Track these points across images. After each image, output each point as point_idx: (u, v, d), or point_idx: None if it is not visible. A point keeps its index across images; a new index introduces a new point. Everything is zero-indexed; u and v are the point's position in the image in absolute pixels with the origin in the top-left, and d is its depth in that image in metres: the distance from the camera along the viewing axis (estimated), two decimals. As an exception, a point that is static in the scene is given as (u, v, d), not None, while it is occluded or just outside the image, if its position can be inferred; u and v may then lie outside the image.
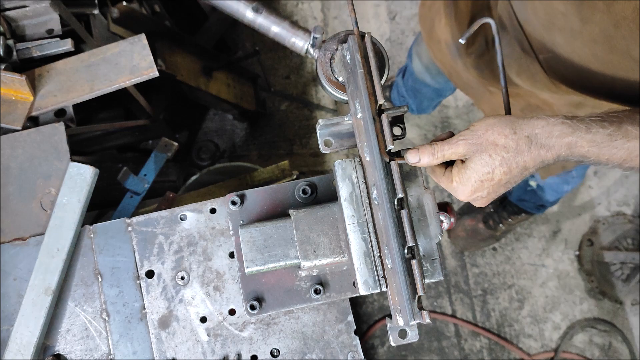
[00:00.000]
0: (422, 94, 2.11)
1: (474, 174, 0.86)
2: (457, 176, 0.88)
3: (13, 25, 1.26)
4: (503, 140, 0.83)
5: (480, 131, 0.85)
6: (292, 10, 2.68)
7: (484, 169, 0.85)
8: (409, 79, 2.11)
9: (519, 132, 0.83)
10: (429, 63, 1.82)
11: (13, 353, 1.03)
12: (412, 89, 2.13)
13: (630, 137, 0.82)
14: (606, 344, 2.41)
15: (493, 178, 0.85)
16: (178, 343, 1.07)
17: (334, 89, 1.02)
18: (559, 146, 0.82)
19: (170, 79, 1.89)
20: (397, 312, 0.85)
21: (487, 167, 0.84)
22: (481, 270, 2.47)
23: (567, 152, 0.83)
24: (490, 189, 0.88)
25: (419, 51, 1.88)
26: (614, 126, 0.82)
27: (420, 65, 1.90)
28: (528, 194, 2.12)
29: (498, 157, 0.83)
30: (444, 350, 2.40)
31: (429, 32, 1.57)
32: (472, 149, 0.85)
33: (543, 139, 0.82)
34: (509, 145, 0.83)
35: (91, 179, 1.11)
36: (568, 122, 0.82)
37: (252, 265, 0.97)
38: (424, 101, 2.21)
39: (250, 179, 1.53)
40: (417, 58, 1.91)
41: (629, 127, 0.82)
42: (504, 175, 0.85)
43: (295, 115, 2.59)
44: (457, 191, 0.90)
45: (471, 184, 0.87)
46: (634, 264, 2.42)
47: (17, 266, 1.09)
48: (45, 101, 1.21)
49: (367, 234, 0.92)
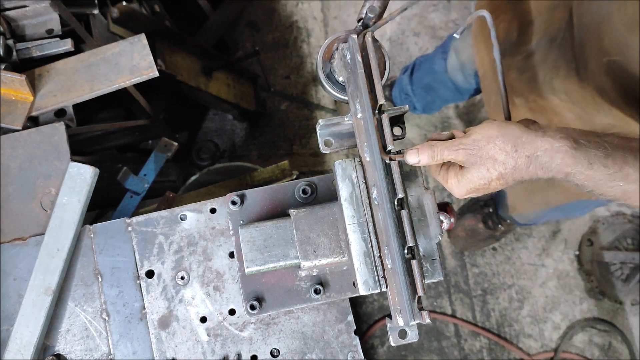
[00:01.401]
0: (437, 94, 2.08)
1: (470, 183, 0.87)
2: (454, 179, 0.90)
3: (13, 25, 1.26)
4: (503, 157, 0.84)
5: (481, 142, 0.85)
6: (292, 10, 2.68)
7: (480, 181, 0.86)
8: (426, 77, 2.08)
9: (520, 151, 0.83)
10: (466, 60, 1.80)
11: (13, 353, 1.03)
12: (427, 87, 2.10)
13: (629, 181, 0.82)
14: (606, 344, 2.41)
15: (489, 187, 0.87)
16: (178, 343, 1.07)
17: (334, 88, 1.02)
18: (557, 172, 0.83)
19: (170, 79, 1.89)
20: (397, 312, 0.85)
21: (483, 180, 0.86)
22: (481, 270, 2.47)
23: (563, 178, 0.84)
24: (485, 192, 0.90)
25: (458, 47, 1.85)
26: (616, 167, 0.82)
27: (456, 62, 1.87)
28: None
29: (495, 172, 0.84)
30: (444, 350, 2.40)
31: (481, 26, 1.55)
32: (471, 160, 0.85)
33: (543, 162, 0.83)
34: (507, 163, 0.84)
35: (91, 179, 1.11)
36: (571, 153, 0.82)
37: (252, 265, 0.97)
38: (436, 101, 2.18)
39: (250, 179, 1.53)
40: (455, 54, 1.88)
41: (631, 170, 0.82)
42: (499, 185, 0.87)
43: (295, 115, 2.59)
44: (452, 190, 0.91)
45: (466, 189, 0.89)
46: (634, 264, 2.42)
47: (17, 266, 1.09)
48: (45, 101, 1.21)
49: (367, 234, 0.92)
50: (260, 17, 2.66)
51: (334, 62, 1.02)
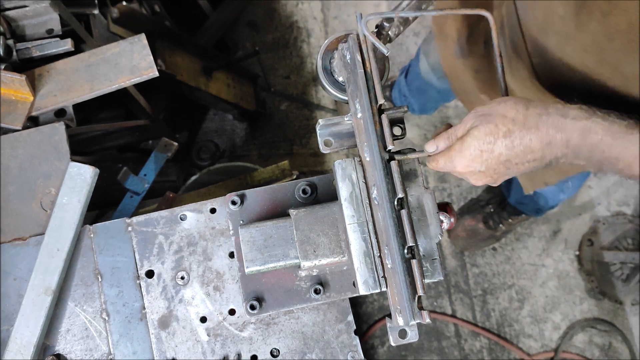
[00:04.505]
0: (427, 95, 2.10)
1: (475, 142, 0.83)
2: (458, 144, 0.85)
3: (13, 25, 1.26)
4: (513, 114, 0.80)
5: (492, 104, 0.83)
6: (292, 10, 2.68)
7: (486, 137, 0.81)
8: (415, 80, 2.10)
9: (532, 109, 0.80)
10: (435, 63, 1.80)
11: (13, 353, 1.03)
12: (417, 89, 2.12)
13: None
14: (606, 344, 2.41)
15: (493, 150, 0.82)
16: (178, 343, 1.07)
17: (334, 88, 1.02)
18: (572, 129, 0.78)
19: (170, 79, 1.89)
20: (397, 312, 0.85)
21: (490, 137, 0.81)
22: (481, 270, 2.47)
23: (579, 139, 0.78)
24: (489, 163, 0.84)
25: (426, 50, 1.86)
26: (632, 120, 0.77)
27: (426, 65, 1.89)
28: (527, 198, 2.12)
29: (504, 127, 0.80)
30: (444, 350, 2.40)
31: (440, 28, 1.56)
32: (480, 119, 0.83)
33: (555, 119, 0.78)
34: (517, 119, 0.80)
35: (91, 179, 1.11)
36: (585, 108, 0.78)
37: (252, 265, 0.97)
38: (428, 102, 2.20)
39: (250, 179, 1.53)
40: (424, 57, 1.89)
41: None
42: (504, 149, 0.81)
43: (295, 115, 2.59)
44: (455, 160, 0.87)
45: (470, 152, 0.84)
46: (634, 264, 2.42)
47: (17, 266, 1.09)
48: (45, 101, 1.21)
49: (367, 233, 0.92)
50: (260, 17, 2.66)
51: (333, 62, 1.02)
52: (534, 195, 2.02)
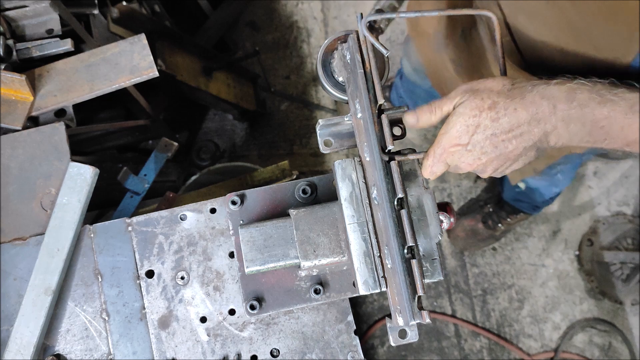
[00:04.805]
0: (416, 95, 2.11)
1: (461, 118, 0.82)
2: (443, 127, 0.85)
3: (13, 25, 1.26)
4: (500, 87, 0.81)
5: (480, 80, 0.83)
6: (292, 10, 2.68)
7: (472, 111, 0.81)
8: (405, 81, 2.11)
9: (517, 84, 0.81)
10: (416, 63, 1.81)
11: (13, 353, 1.03)
12: (407, 90, 2.13)
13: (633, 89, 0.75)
14: (606, 344, 2.41)
15: (479, 124, 0.81)
16: (178, 343, 1.07)
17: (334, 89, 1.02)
18: (558, 95, 0.77)
19: (170, 79, 1.89)
20: (397, 312, 0.85)
21: (475, 110, 0.81)
22: (481, 270, 2.47)
23: (565, 102, 0.77)
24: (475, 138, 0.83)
25: (407, 51, 1.87)
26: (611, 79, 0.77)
27: (408, 66, 1.90)
28: (521, 195, 2.13)
29: (489, 100, 0.80)
30: (443, 350, 2.40)
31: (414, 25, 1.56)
32: (466, 96, 0.83)
33: (540, 88, 0.78)
34: (502, 92, 0.80)
35: (91, 179, 1.11)
36: (568, 75, 0.79)
37: (252, 265, 0.97)
38: (419, 102, 2.20)
39: (250, 179, 1.53)
40: (406, 58, 1.90)
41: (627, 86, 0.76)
42: (490, 121, 0.81)
43: (295, 115, 2.59)
44: (442, 141, 0.86)
45: (456, 129, 0.83)
46: (634, 264, 2.42)
47: (17, 266, 1.09)
48: (45, 101, 1.21)
49: (367, 233, 0.92)
50: (260, 17, 2.66)
51: (333, 62, 1.02)
52: (528, 191, 2.02)
